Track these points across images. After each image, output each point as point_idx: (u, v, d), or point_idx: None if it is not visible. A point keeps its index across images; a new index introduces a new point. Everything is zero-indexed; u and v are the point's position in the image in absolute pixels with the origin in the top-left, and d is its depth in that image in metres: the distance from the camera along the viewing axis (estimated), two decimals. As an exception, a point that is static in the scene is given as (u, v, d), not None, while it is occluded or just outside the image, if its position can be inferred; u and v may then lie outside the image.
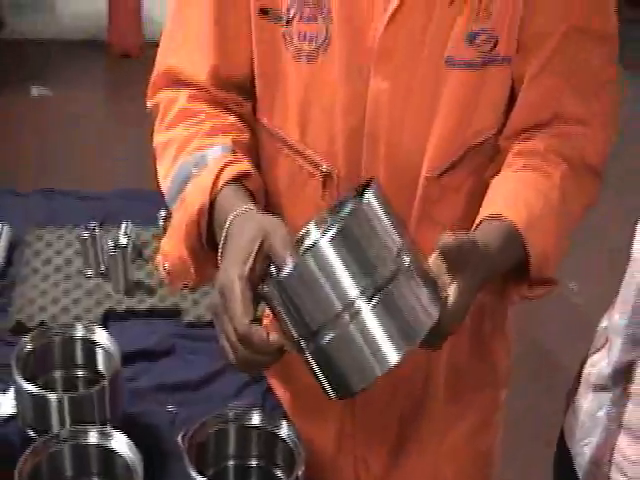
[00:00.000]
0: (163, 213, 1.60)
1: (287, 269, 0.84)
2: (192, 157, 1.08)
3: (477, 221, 1.02)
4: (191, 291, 1.49)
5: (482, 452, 1.34)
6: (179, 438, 1.03)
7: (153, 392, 1.27)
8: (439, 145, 1.07)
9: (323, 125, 1.10)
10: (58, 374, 1.19)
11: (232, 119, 1.13)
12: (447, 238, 0.86)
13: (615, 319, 0.93)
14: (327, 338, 0.83)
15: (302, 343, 0.85)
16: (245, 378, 1.29)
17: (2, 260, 1.54)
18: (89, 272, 1.53)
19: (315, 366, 0.86)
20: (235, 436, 1.07)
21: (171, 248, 1.08)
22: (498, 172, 1.08)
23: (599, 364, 0.97)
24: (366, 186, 0.88)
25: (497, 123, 1.09)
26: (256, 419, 1.08)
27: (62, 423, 1.07)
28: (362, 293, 0.81)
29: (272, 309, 0.87)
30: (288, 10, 1.07)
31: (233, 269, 0.90)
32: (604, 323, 1.03)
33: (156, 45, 1.26)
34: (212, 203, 1.02)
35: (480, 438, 1.31)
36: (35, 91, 5.09)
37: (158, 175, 1.15)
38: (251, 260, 0.90)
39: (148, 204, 1.66)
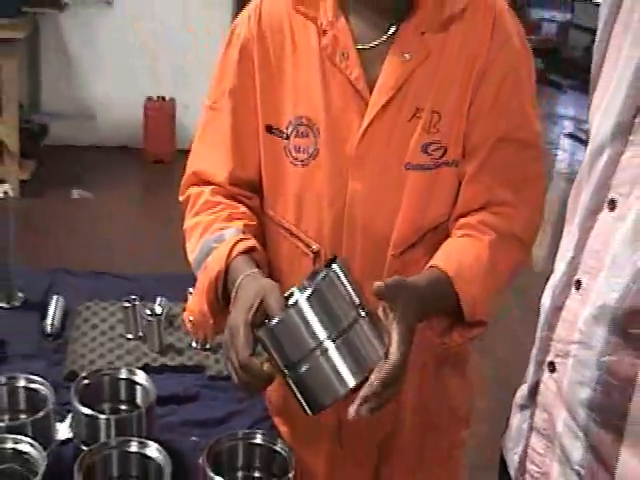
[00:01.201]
0: (191, 290, 1.92)
1: (275, 320, 1.16)
2: (213, 236, 1.41)
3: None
4: (213, 352, 1.81)
5: None
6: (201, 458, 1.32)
7: (180, 426, 1.55)
8: (401, 230, 1.39)
9: (313, 215, 1.43)
10: (106, 406, 1.49)
11: (244, 209, 1.46)
12: (377, 283, 1.16)
13: (533, 350, 1.21)
14: (304, 368, 1.14)
15: (285, 372, 1.16)
16: (256, 417, 1.58)
17: (58, 324, 1.86)
18: (129, 336, 1.84)
19: (295, 389, 1.17)
20: (243, 451, 1.37)
21: (194, 305, 1.40)
22: None
23: (523, 388, 1.25)
24: (332, 260, 1.20)
25: (448, 211, 1.40)
26: (259, 438, 1.38)
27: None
28: (329, 337, 1.13)
29: (265, 347, 1.18)
30: (287, 128, 1.42)
31: (240, 316, 1.21)
32: None
33: (187, 152, 1.61)
34: (227, 269, 1.34)
35: (444, 472, 1.59)
36: (76, 194, 5.47)
37: (187, 250, 1.47)
38: (252, 311, 1.20)
39: (176, 284, 1.97)
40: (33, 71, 6.18)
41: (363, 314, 1.16)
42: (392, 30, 1.37)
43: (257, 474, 1.38)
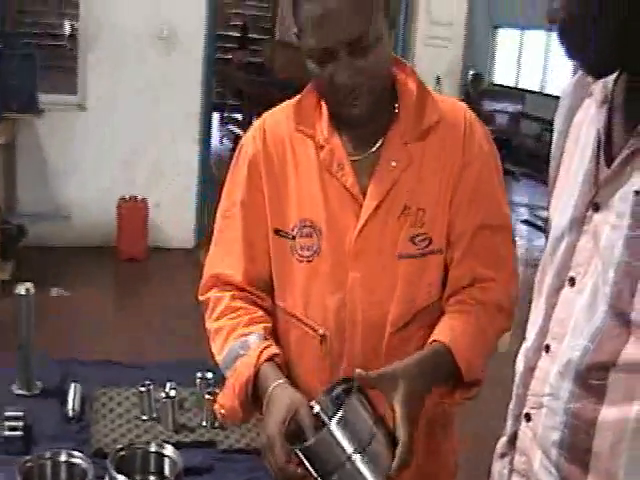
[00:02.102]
0: (199, 375, 2.13)
1: (312, 440, 1.38)
2: (238, 342, 1.63)
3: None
4: (222, 429, 2.01)
5: None
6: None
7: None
8: (397, 311, 1.62)
9: (319, 303, 1.66)
10: (138, 477, 1.68)
11: (260, 312, 1.69)
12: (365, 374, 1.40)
13: (510, 406, 1.43)
14: (335, 477, 1.36)
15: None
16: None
17: (78, 408, 2.05)
18: (144, 417, 2.04)
19: None
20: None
21: (225, 400, 1.63)
22: None
23: (502, 439, 1.46)
24: (348, 379, 1.44)
25: (437, 292, 1.65)
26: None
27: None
28: (355, 450, 1.35)
29: (301, 460, 1.40)
30: (293, 230, 1.67)
31: (275, 427, 1.45)
32: None
33: (159, 249, 1.86)
34: (256, 374, 1.57)
35: None
36: (55, 292, 5.64)
37: (213, 350, 1.70)
38: (286, 423, 1.44)
39: (180, 371, 2.22)
40: (10, 174, 6.38)
41: (376, 430, 1.38)
42: (379, 143, 1.63)
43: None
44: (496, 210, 1.67)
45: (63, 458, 1.64)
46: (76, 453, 1.64)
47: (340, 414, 1.37)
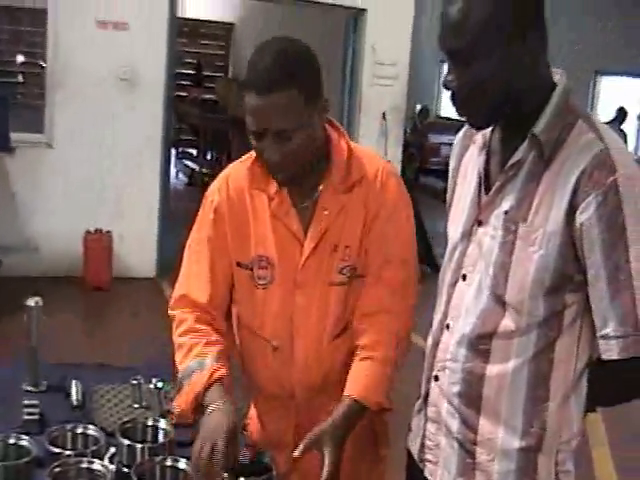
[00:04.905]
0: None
1: None
2: (196, 361, 2.01)
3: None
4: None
5: None
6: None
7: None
8: (331, 327, 2.08)
9: (272, 320, 2.11)
10: (138, 444, 2.11)
11: (216, 337, 2.06)
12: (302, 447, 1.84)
13: (423, 374, 1.92)
14: None
15: None
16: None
17: (81, 400, 2.44)
18: (135, 405, 2.46)
19: None
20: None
21: (180, 403, 2.02)
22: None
23: (418, 401, 1.94)
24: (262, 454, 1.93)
25: None
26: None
27: None
28: None
29: None
30: (251, 263, 2.11)
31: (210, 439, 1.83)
32: None
33: (123, 279, 2.32)
34: (205, 390, 1.95)
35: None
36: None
37: (175, 359, 2.08)
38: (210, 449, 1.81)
39: (159, 370, 2.60)
40: (-19, 210, 6.72)
41: None
42: (315, 195, 2.06)
43: None
44: (400, 248, 2.08)
45: (80, 430, 2.06)
46: (90, 426, 2.07)
47: None
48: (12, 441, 1.99)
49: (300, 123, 1.90)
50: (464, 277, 1.75)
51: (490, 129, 1.75)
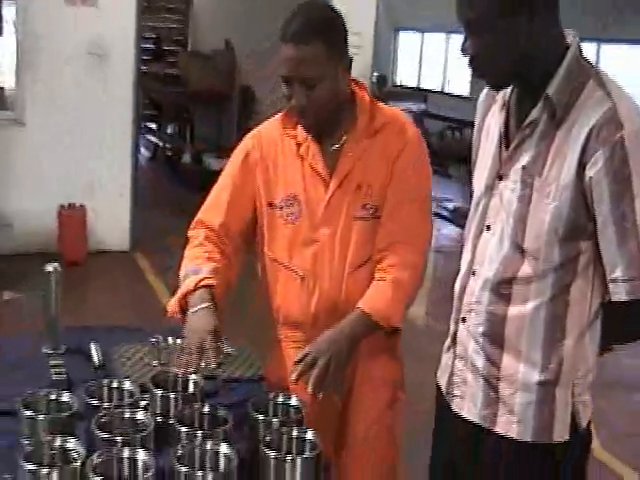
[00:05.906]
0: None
1: None
2: (193, 268, 2.26)
3: None
4: (220, 368, 2.55)
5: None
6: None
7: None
8: (352, 258, 2.26)
9: (299, 252, 2.28)
10: (172, 394, 2.22)
11: (218, 256, 2.31)
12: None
13: (452, 315, 2.07)
14: None
15: None
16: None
17: (102, 360, 2.55)
18: (154, 363, 2.56)
19: None
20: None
21: (174, 301, 2.22)
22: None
23: (447, 340, 2.09)
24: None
25: None
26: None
27: None
28: None
29: None
30: (281, 202, 2.28)
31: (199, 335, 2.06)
32: None
33: (98, 253, 2.42)
34: (193, 290, 2.17)
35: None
36: (7, 295, 6.08)
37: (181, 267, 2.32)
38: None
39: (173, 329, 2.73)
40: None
41: None
42: (342, 142, 2.26)
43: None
44: (415, 187, 2.29)
45: (115, 384, 2.17)
46: (125, 380, 2.17)
47: None
48: (53, 397, 2.08)
49: (323, 74, 2.16)
50: (488, 227, 1.90)
51: (510, 89, 1.89)
